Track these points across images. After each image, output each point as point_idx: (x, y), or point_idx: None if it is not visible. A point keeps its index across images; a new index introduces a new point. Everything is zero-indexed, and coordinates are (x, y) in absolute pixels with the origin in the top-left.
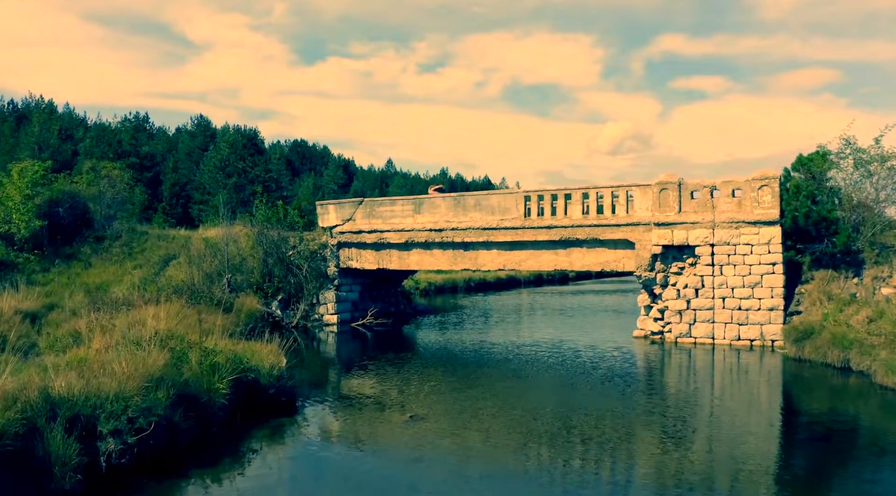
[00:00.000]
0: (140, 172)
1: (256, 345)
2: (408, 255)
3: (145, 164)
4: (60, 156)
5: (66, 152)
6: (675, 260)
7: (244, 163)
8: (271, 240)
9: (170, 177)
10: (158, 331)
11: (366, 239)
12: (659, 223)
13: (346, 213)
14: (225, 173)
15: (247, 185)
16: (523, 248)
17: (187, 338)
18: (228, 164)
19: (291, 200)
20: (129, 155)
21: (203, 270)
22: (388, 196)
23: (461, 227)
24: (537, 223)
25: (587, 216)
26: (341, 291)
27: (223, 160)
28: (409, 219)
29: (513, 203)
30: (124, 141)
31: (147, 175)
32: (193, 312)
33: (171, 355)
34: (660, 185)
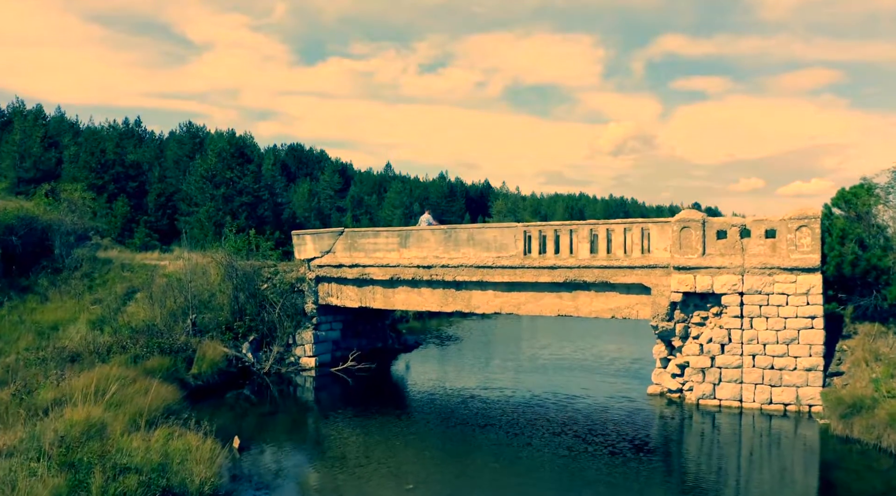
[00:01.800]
0: (125, 182)
1: (192, 439)
2: (393, 294)
3: (131, 173)
4: (43, 164)
5: (50, 161)
6: (697, 308)
7: (232, 173)
8: (242, 273)
9: (155, 187)
10: (66, 435)
11: (347, 274)
12: (679, 267)
13: (324, 245)
14: (213, 184)
15: (235, 195)
16: (523, 290)
17: (105, 439)
18: (216, 173)
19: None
20: (113, 164)
21: (166, 307)
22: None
23: (452, 264)
24: (539, 262)
25: (596, 256)
26: (320, 330)
27: (210, 169)
28: (395, 253)
29: (511, 238)
30: (108, 149)
31: (132, 185)
32: (140, 375)
33: (67, 480)
34: (680, 222)
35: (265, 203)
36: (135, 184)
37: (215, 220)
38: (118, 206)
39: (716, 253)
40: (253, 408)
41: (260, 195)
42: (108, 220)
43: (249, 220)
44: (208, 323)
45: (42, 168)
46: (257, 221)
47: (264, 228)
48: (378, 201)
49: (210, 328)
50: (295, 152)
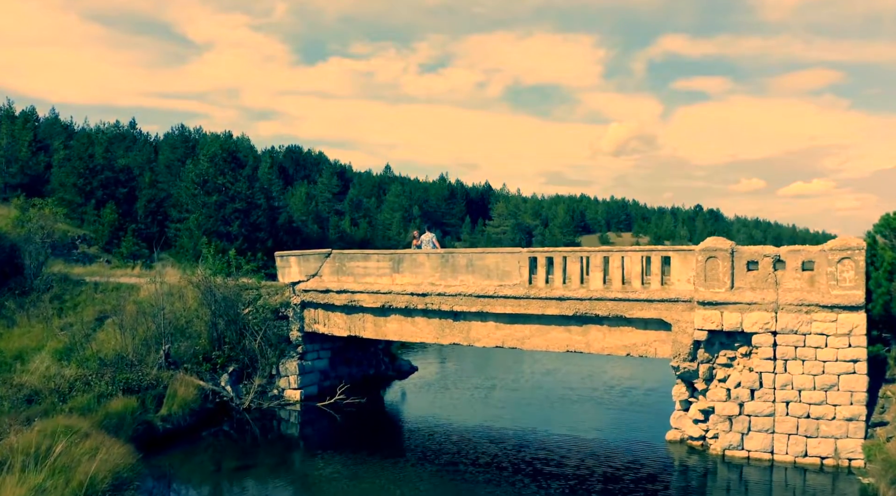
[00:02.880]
0: (114, 188)
1: None
2: (385, 322)
3: (121, 178)
4: (31, 170)
5: (39, 166)
6: (723, 347)
7: (224, 178)
8: (222, 296)
9: (145, 193)
10: None
11: (334, 300)
12: (704, 302)
13: (310, 268)
14: (204, 190)
15: (227, 202)
16: (527, 322)
17: None
18: (208, 179)
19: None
20: (102, 169)
21: (138, 335)
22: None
23: (449, 292)
24: (545, 292)
25: (609, 287)
26: (306, 360)
27: (202, 175)
28: (386, 278)
29: (514, 265)
30: (97, 154)
31: (122, 191)
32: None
33: None
34: (706, 251)
35: (259, 209)
36: (125, 189)
37: (206, 229)
38: (106, 213)
39: (746, 286)
40: (229, 452)
41: (254, 201)
42: (95, 227)
43: (242, 227)
44: (184, 352)
45: (30, 173)
46: (250, 228)
47: (257, 236)
48: (377, 204)
49: (186, 358)
50: (293, 154)
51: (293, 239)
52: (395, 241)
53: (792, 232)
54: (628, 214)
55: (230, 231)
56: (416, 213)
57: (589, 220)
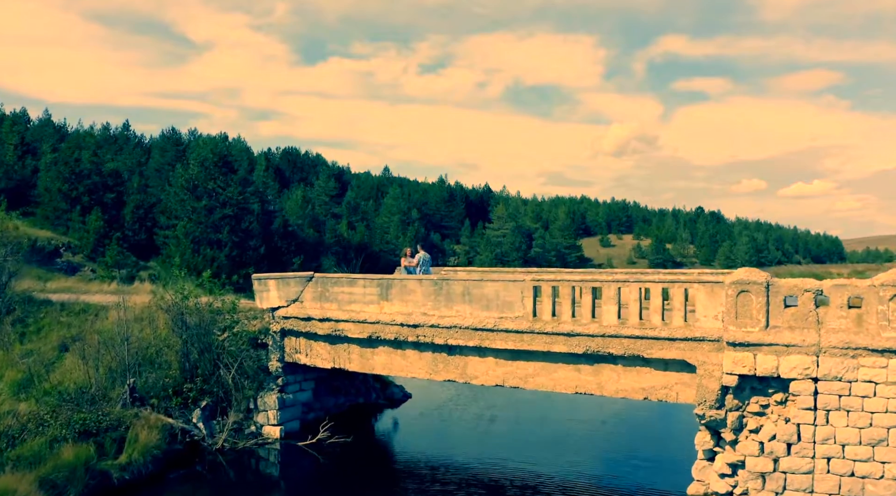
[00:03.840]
0: (102, 193)
1: None
2: (372, 355)
3: (109, 182)
4: (17, 174)
5: (25, 170)
6: (755, 393)
7: (215, 183)
8: (196, 322)
9: (133, 198)
10: None
11: (317, 329)
12: (735, 342)
13: (290, 292)
14: (194, 195)
15: (217, 208)
16: (531, 359)
17: None
18: (198, 184)
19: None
20: (89, 174)
21: (103, 366)
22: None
23: (444, 323)
24: (552, 327)
25: (625, 322)
26: (287, 392)
27: (191, 179)
28: (374, 306)
29: (517, 295)
30: (84, 158)
31: (110, 196)
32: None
33: None
34: (737, 285)
35: (251, 214)
36: (112, 194)
37: (193, 237)
38: (91, 220)
39: (783, 325)
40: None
41: (246, 206)
42: (80, 235)
43: (232, 234)
44: (153, 385)
45: (16, 177)
46: (242, 235)
47: (249, 243)
48: (375, 207)
49: (155, 391)
50: (290, 156)
51: (288, 244)
52: (392, 244)
53: (794, 233)
54: (629, 216)
55: (220, 238)
56: (414, 216)
57: (590, 221)
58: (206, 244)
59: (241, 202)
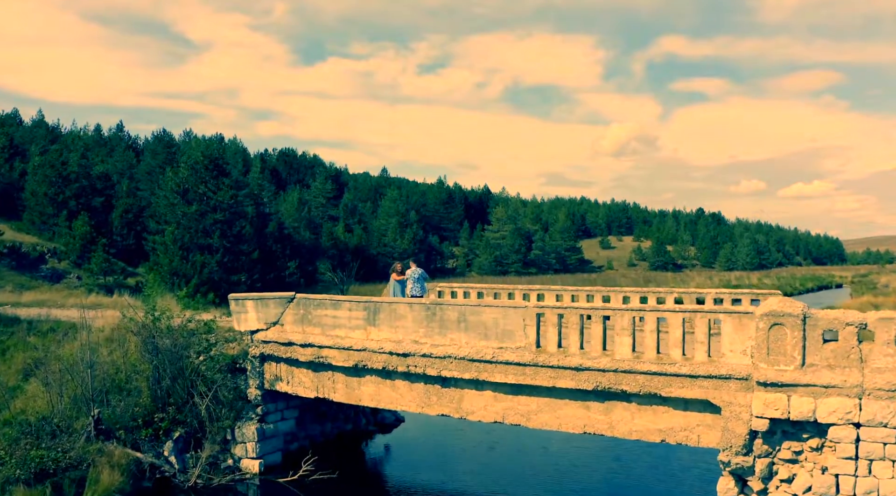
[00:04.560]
0: (90, 196)
1: None
2: (359, 385)
3: (97, 186)
4: (4, 178)
5: (13, 173)
6: (787, 438)
7: (206, 187)
8: (170, 345)
9: (122, 202)
10: None
11: (299, 355)
12: (767, 382)
13: (270, 314)
14: (185, 199)
15: (208, 212)
16: (534, 394)
17: None
18: (189, 188)
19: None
20: (77, 177)
21: (68, 393)
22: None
23: (437, 353)
24: (557, 360)
25: (640, 356)
26: (267, 422)
27: (182, 183)
28: (360, 331)
29: (518, 323)
30: (72, 161)
31: (99, 199)
32: None
33: None
34: (769, 317)
35: (244, 218)
36: (101, 198)
37: (182, 243)
38: (77, 225)
39: (821, 363)
40: None
41: (238, 209)
42: (66, 240)
43: (223, 238)
44: (121, 415)
45: (3, 181)
46: (233, 240)
47: (240, 248)
48: (373, 209)
49: (123, 422)
50: (286, 157)
51: (283, 248)
52: (390, 247)
53: (794, 235)
54: (629, 218)
55: (211, 243)
56: (413, 218)
57: (589, 223)
58: (197, 250)
59: (233, 206)
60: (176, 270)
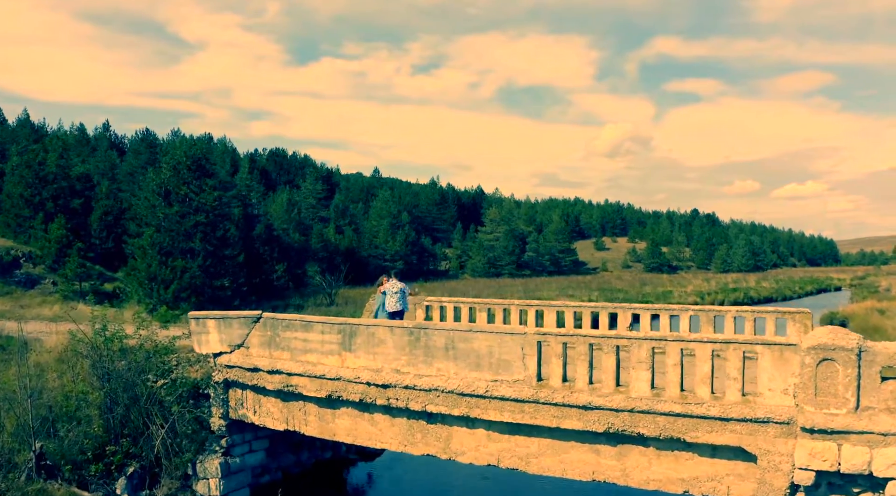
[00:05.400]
0: (69, 198)
1: None
2: (333, 417)
3: (76, 187)
4: None
5: None
6: (835, 492)
7: (188, 188)
8: (123, 370)
9: (101, 204)
10: None
11: (266, 382)
12: (813, 428)
13: (234, 336)
14: (166, 201)
15: (190, 214)
16: (534, 435)
17: None
18: (170, 189)
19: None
20: (55, 178)
21: (10, 425)
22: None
23: (422, 385)
24: (562, 396)
25: (660, 393)
26: (233, 455)
27: (163, 184)
28: (334, 357)
29: (516, 352)
30: (50, 161)
31: (77, 201)
32: None
33: None
34: (817, 350)
35: (229, 220)
36: (80, 200)
37: (161, 246)
38: (53, 228)
39: (879, 407)
40: None
41: (223, 211)
42: (41, 244)
43: (205, 242)
44: (69, 447)
45: None
46: (217, 243)
47: (224, 252)
48: (364, 210)
49: (71, 456)
50: (276, 158)
51: (271, 250)
52: (381, 249)
53: (788, 236)
54: (623, 218)
55: (192, 247)
56: (405, 219)
57: (584, 224)
58: (178, 254)
59: (217, 207)
60: (154, 275)
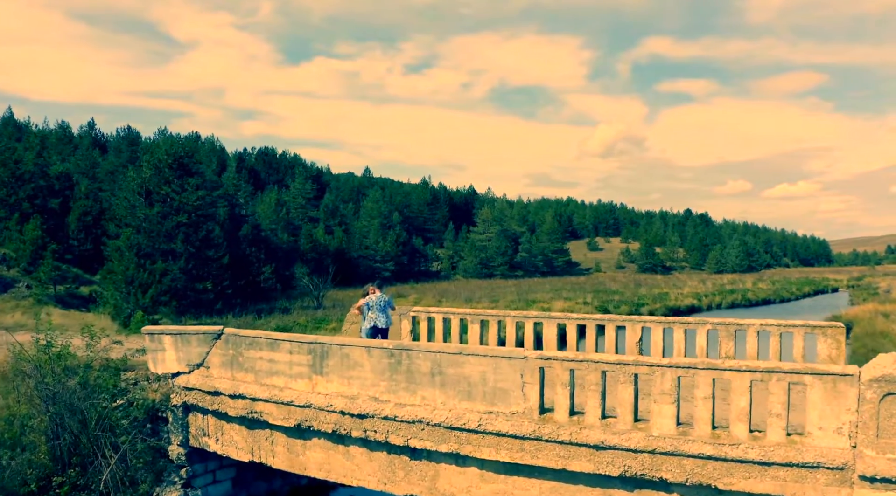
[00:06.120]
0: (47, 198)
1: None
2: (303, 449)
3: (55, 187)
4: None
5: None
6: None
7: (169, 187)
8: (66, 392)
9: (80, 204)
10: None
11: (228, 407)
12: (874, 476)
13: (193, 354)
14: (147, 201)
15: (171, 214)
16: (536, 476)
17: None
18: (151, 189)
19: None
20: (31, 177)
21: None
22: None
23: (403, 416)
24: (570, 433)
25: (687, 431)
26: (195, 487)
27: (143, 184)
28: (304, 381)
29: (514, 379)
30: (27, 159)
31: (55, 201)
32: None
33: None
34: (882, 383)
35: (213, 220)
36: (58, 200)
37: (139, 248)
38: (28, 228)
39: None
40: None
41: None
42: (16, 245)
43: (187, 243)
44: (11, 478)
45: None
46: (200, 244)
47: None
48: (354, 210)
49: (12, 488)
50: (265, 157)
51: (259, 251)
52: (372, 249)
53: (781, 236)
54: (616, 219)
55: (174, 249)
56: (396, 219)
57: (577, 224)
58: (160, 256)
59: (200, 207)
60: (131, 279)
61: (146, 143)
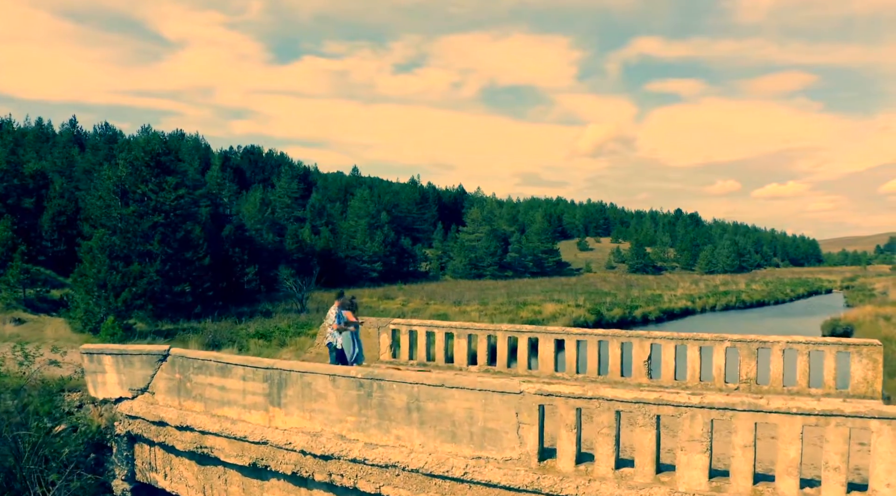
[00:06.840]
0: (21, 197)
1: None
2: (261, 490)
3: (29, 185)
4: None
5: None
6: None
7: (146, 186)
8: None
9: (54, 203)
10: None
11: (175, 440)
12: None
13: (136, 378)
14: (123, 200)
15: (148, 214)
16: None
17: None
18: (127, 188)
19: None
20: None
21: None
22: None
23: (375, 459)
24: (576, 487)
25: (721, 485)
26: None
27: (119, 182)
28: (259, 413)
29: (509, 419)
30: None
31: (29, 201)
32: None
33: None
34: None
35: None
36: (32, 199)
37: (112, 249)
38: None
39: None
40: None
41: (187, 211)
42: None
43: (165, 244)
44: None
45: None
46: (178, 245)
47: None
48: (342, 209)
49: None
50: (251, 155)
51: (242, 251)
52: (359, 250)
53: (771, 236)
54: (606, 218)
55: (151, 250)
56: (384, 219)
57: (566, 224)
58: (136, 257)
59: (180, 207)
60: (104, 281)
61: (125, 141)
